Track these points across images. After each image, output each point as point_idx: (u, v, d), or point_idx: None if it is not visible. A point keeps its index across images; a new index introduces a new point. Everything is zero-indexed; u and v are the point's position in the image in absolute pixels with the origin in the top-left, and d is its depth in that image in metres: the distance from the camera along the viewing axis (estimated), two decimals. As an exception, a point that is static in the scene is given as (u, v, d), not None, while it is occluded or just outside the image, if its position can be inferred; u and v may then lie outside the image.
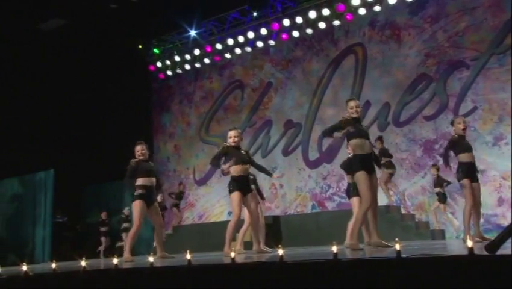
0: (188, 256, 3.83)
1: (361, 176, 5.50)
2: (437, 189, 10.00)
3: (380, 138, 10.10)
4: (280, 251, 3.46)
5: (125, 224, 12.25)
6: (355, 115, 5.66)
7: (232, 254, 3.73)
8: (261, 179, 13.05)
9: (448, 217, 10.10)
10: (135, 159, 6.68)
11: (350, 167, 6.15)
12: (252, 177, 7.13)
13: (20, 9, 11.40)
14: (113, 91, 13.93)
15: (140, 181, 6.58)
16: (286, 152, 12.70)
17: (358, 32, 12.04)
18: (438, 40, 11.01)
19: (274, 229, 10.64)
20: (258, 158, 12.24)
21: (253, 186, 7.07)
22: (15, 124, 12.91)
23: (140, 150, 6.71)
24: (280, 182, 12.53)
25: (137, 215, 6.55)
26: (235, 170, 6.14)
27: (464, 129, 6.39)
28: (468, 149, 6.38)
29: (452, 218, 10.09)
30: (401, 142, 11.07)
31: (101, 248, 12.87)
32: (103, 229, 12.86)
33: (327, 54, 12.48)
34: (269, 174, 6.96)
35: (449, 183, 9.74)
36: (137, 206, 6.54)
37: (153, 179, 6.67)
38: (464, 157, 6.30)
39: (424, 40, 11.18)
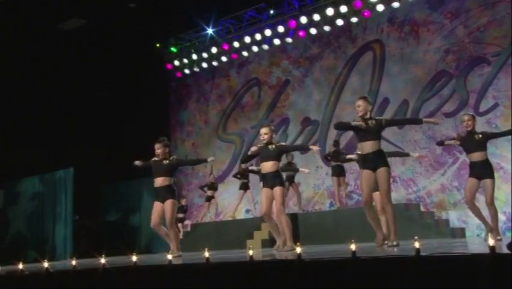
0: (207, 254, 3.85)
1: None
2: (333, 163, 10.33)
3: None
4: (298, 249, 3.45)
5: (180, 215, 12.18)
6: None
7: (251, 252, 3.72)
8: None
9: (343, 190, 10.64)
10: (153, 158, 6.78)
11: None
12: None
13: (40, 9, 11.55)
14: (131, 90, 14.04)
15: None
16: (304, 150, 12.64)
17: (376, 29, 11.93)
18: (458, 36, 10.85)
19: (293, 227, 10.61)
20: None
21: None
22: (35, 124, 13.09)
23: (155, 149, 6.75)
24: (298, 180, 12.49)
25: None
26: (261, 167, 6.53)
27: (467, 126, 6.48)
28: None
29: (344, 190, 10.69)
30: (420, 140, 10.94)
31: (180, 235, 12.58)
32: (180, 215, 12.19)
33: (344, 51, 12.40)
34: (306, 148, 7.69)
35: (346, 160, 9.77)
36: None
37: (160, 180, 6.67)
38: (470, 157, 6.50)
39: (444, 36, 11.03)
